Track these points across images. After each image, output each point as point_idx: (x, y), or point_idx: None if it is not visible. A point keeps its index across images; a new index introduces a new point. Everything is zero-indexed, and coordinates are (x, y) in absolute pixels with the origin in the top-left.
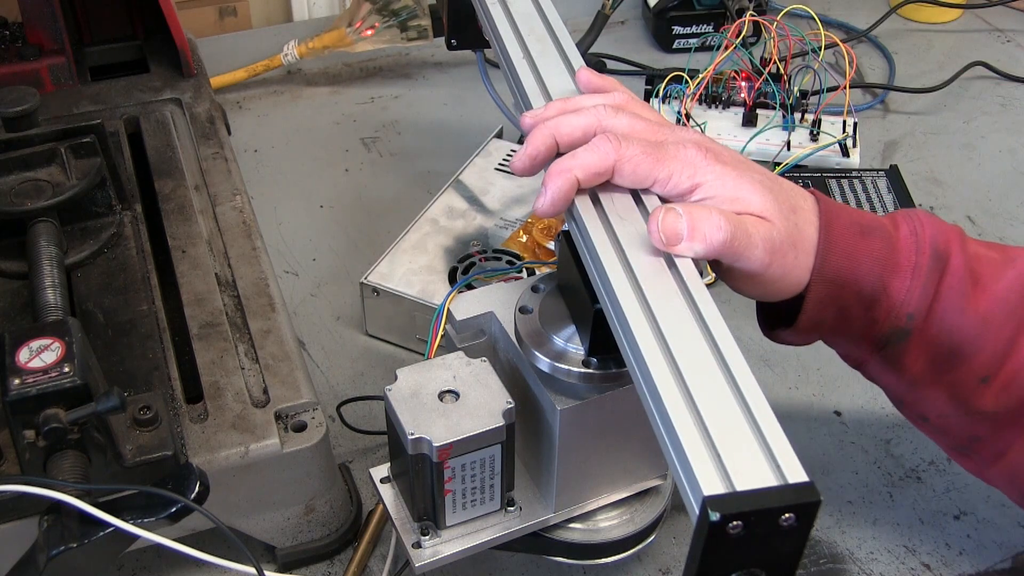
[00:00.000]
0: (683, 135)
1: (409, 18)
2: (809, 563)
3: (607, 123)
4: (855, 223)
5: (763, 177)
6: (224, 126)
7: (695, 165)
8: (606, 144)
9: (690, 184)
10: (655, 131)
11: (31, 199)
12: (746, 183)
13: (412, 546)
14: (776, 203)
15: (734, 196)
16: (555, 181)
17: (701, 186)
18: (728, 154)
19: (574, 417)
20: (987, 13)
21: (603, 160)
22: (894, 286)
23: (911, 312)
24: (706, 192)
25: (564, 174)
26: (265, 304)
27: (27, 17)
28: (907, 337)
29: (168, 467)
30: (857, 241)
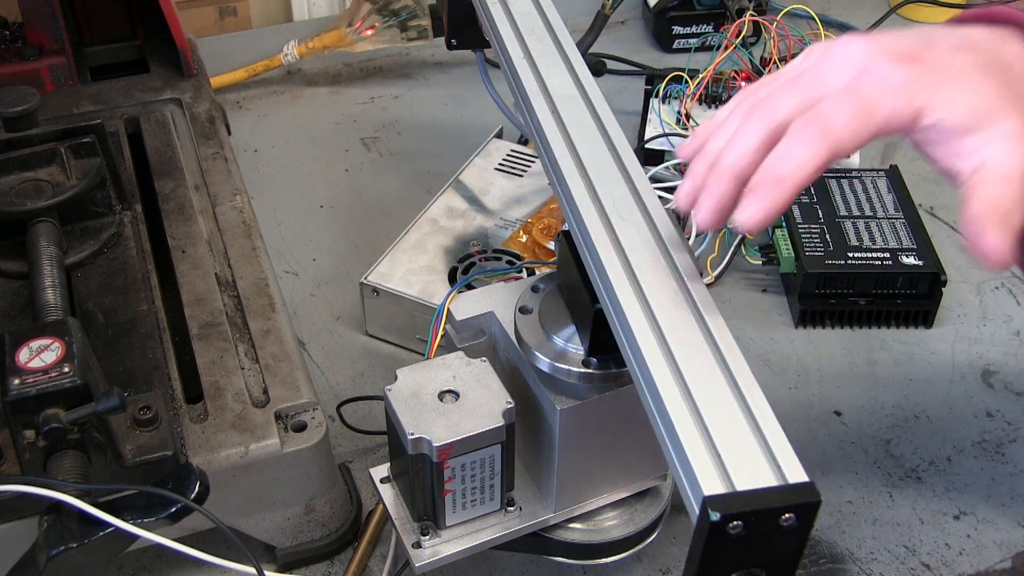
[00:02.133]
0: (847, 59)
1: (409, 18)
2: (809, 563)
3: (776, 118)
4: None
5: (968, 58)
6: (224, 126)
7: (905, 88)
8: (810, 131)
9: (912, 111)
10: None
11: (31, 199)
12: (967, 84)
13: (412, 546)
14: (1001, 88)
15: (967, 105)
16: (771, 192)
17: (926, 108)
18: (915, 44)
19: (574, 417)
20: None
21: (819, 150)
22: None
23: None
24: (935, 113)
25: (781, 184)
26: (265, 304)
27: (27, 17)
28: None
29: (168, 467)
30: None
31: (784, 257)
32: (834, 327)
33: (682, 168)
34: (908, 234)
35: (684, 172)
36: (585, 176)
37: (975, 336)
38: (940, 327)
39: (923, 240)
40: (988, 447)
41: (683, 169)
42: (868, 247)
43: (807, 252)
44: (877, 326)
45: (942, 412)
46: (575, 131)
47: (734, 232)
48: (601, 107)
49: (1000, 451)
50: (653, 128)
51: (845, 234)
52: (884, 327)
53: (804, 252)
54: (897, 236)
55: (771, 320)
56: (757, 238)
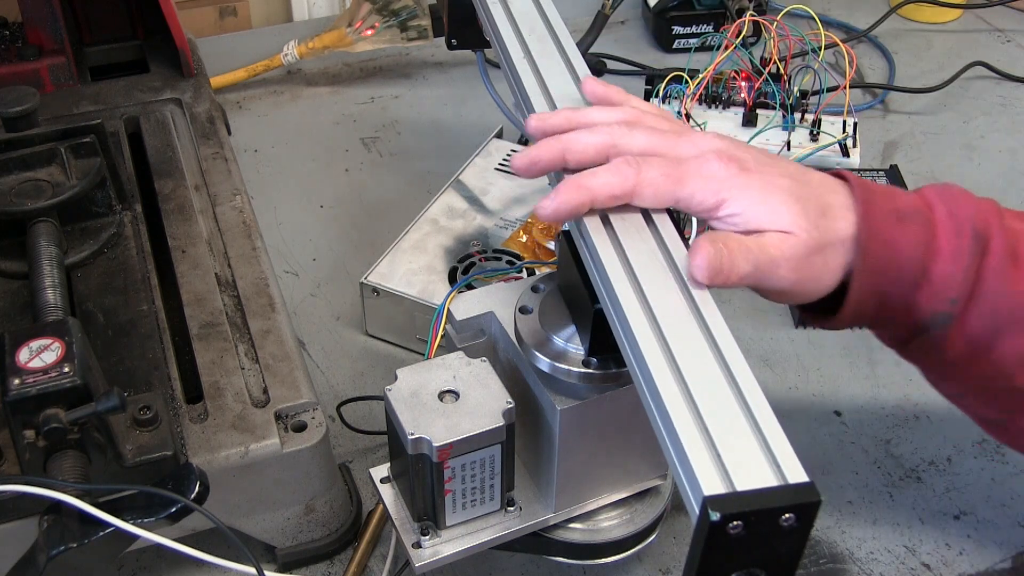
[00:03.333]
0: (703, 144)
1: (409, 18)
2: (809, 563)
3: (622, 143)
4: (892, 210)
5: (790, 182)
6: (224, 126)
7: (719, 180)
8: (626, 168)
9: (715, 200)
10: (673, 144)
11: (31, 199)
12: (772, 195)
13: (412, 546)
14: (804, 212)
15: (760, 212)
16: (569, 193)
17: (726, 202)
18: (752, 159)
19: (574, 417)
20: (987, 13)
21: (623, 184)
22: (935, 272)
23: (953, 297)
24: (732, 208)
25: (581, 191)
26: (265, 304)
27: (27, 17)
28: (949, 321)
29: (168, 467)
30: (895, 229)
31: None
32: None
33: None
34: None
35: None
36: None
37: None
38: None
39: None
40: (988, 447)
41: None
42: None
43: None
44: None
45: (942, 412)
46: None
47: None
48: None
49: (1000, 451)
50: None
51: None
52: None
53: None
54: None
55: (771, 320)
56: None
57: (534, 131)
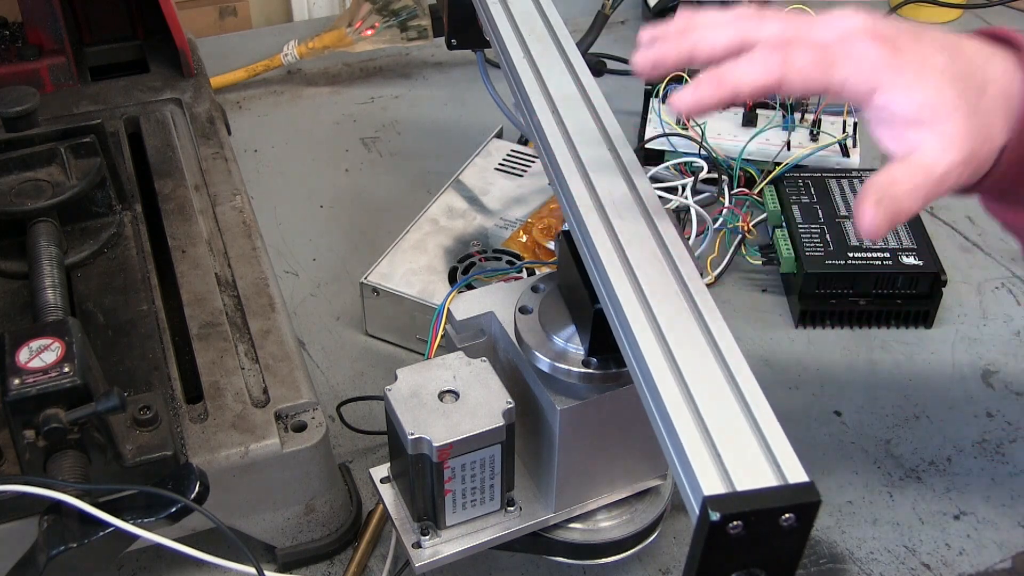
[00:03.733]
0: (847, 22)
1: (409, 18)
2: (809, 563)
3: (756, 35)
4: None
5: (946, 59)
6: (224, 126)
7: (871, 63)
8: (771, 56)
9: (868, 86)
10: (812, 26)
11: (31, 199)
12: (929, 79)
13: (412, 546)
14: (963, 95)
15: (917, 101)
16: (711, 87)
17: (881, 88)
18: (904, 35)
19: (574, 417)
20: (987, 13)
21: (768, 74)
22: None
23: None
24: (887, 96)
25: (724, 85)
26: (265, 304)
27: (27, 17)
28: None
29: (168, 467)
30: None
31: (784, 257)
32: (834, 327)
33: (682, 168)
34: (908, 234)
35: (683, 171)
36: (585, 176)
37: (975, 336)
38: (940, 327)
39: (923, 240)
40: (988, 447)
41: (682, 168)
42: (868, 247)
43: (807, 252)
44: (877, 326)
45: (942, 412)
46: (575, 131)
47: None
48: (601, 107)
49: (1000, 451)
50: (653, 128)
51: (845, 234)
52: (884, 327)
53: (804, 252)
54: (897, 236)
55: (771, 320)
56: (757, 238)
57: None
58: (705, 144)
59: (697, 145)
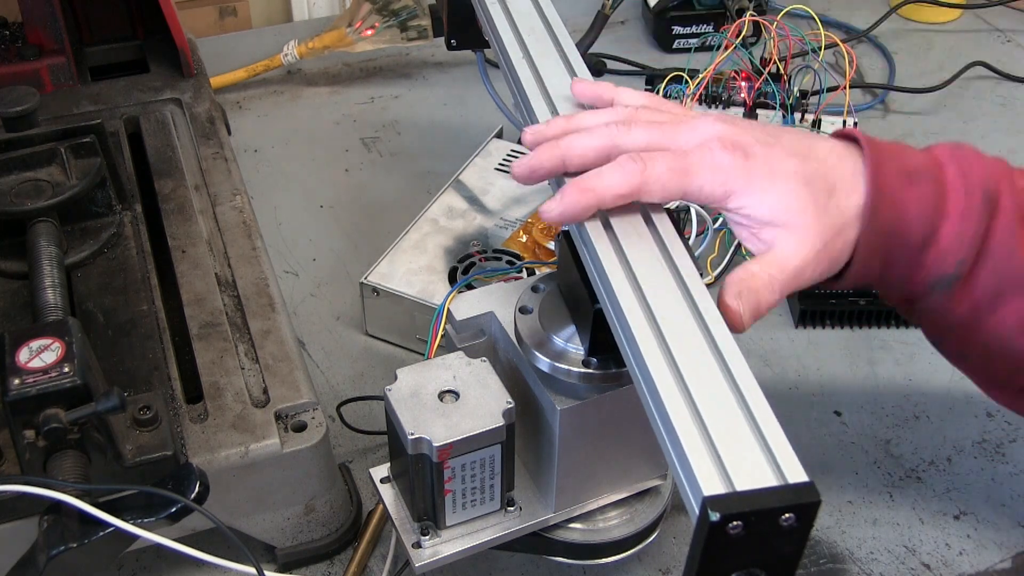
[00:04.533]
0: (704, 130)
1: (409, 18)
2: (809, 563)
3: (622, 142)
4: (901, 169)
5: (796, 163)
6: (224, 126)
7: (725, 171)
8: (631, 165)
9: (723, 191)
10: (673, 135)
11: (31, 199)
12: (780, 182)
13: (412, 546)
14: (812, 196)
15: (768, 204)
16: (575, 196)
17: (734, 193)
18: (755, 141)
19: (574, 417)
20: (987, 13)
21: (629, 182)
22: (943, 232)
23: (961, 258)
24: (740, 200)
25: (586, 193)
26: (265, 304)
27: (27, 17)
28: (955, 282)
29: (168, 467)
30: (905, 189)
31: None
32: (834, 327)
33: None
34: None
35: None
36: None
37: None
38: None
39: None
40: (988, 447)
41: None
42: None
43: None
44: (877, 326)
45: (942, 412)
46: None
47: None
48: None
49: (1000, 451)
50: None
51: None
52: (884, 327)
53: None
54: None
55: (771, 320)
56: None
57: (530, 144)
58: None
59: None
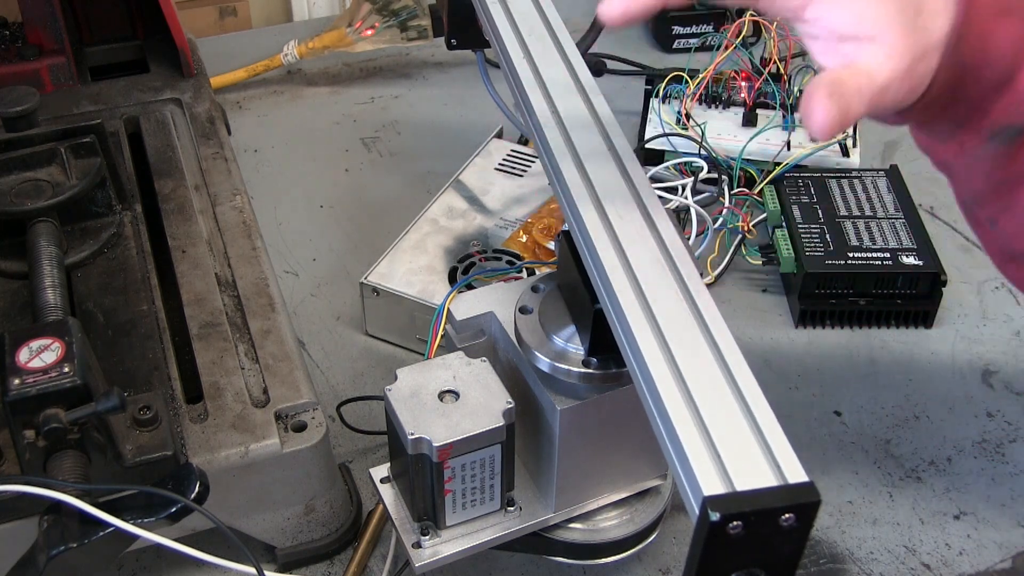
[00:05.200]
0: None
1: (409, 18)
2: (809, 563)
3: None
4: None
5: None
6: (224, 126)
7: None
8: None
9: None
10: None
11: (31, 199)
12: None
13: (412, 546)
14: (900, 10)
15: (852, 13)
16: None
17: (812, 3)
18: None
19: (574, 417)
20: None
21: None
22: (1022, 78)
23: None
24: (821, 9)
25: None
26: (265, 304)
27: (27, 17)
28: (1018, 135)
29: (168, 467)
30: (996, 20)
31: (784, 257)
32: (834, 327)
33: (682, 168)
34: (908, 234)
35: (683, 171)
36: (585, 176)
37: (975, 336)
38: (940, 327)
39: (923, 240)
40: (988, 447)
41: (682, 168)
42: (868, 247)
43: (807, 252)
44: (877, 326)
45: (942, 412)
46: (575, 131)
47: None
48: (601, 107)
49: (1000, 451)
50: (653, 128)
51: (845, 234)
52: (884, 327)
53: (804, 252)
54: (897, 236)
55: (771, 320)
56: (757, 238)
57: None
58: (705, 144)
59: (697, 145)
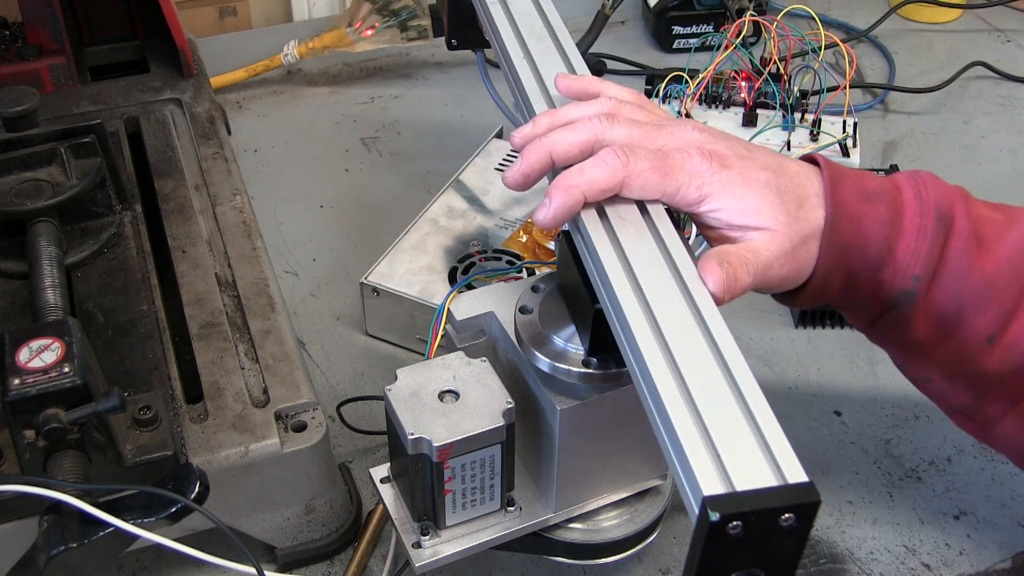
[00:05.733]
0: (683, 135)
1: (409, 18)
2: (809, 563)
3: (606, 137)
4: (860, 189)
5: (768, 175)
6: (224, 126)
7: (701, 176)
8: (614, 159)
9: (698, 195)
10: (654, 136)
11: (31, 199)
12: (752, 190)
13: (412, 546)
14: (783, 205)
15: (741, 208)
16: (561, 196)
17: (708, 197)
18: (731, 152)
19: (574, 417)
20: (987, 13)
21: (612, 177)
22: (900, 248)
23: (917, 274)
24: (714, 204)
25: (571, 190)
26: (265, 304)
27: (27, 17)
28: (913, 299)
29: (168, 467)
30: (862, 206)
31: None
32: (834, 327)
33: None
34: None
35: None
36: None
37: None
38: None
39: None
40: (988, 447)
41: None
42: None
43: None
44: None
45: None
46: None
47: None
48: None
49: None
50: None
51: None
52: None
53: None
54: None
55: (771, 320)
56: None
57: (519, 145)
58: None
59: None
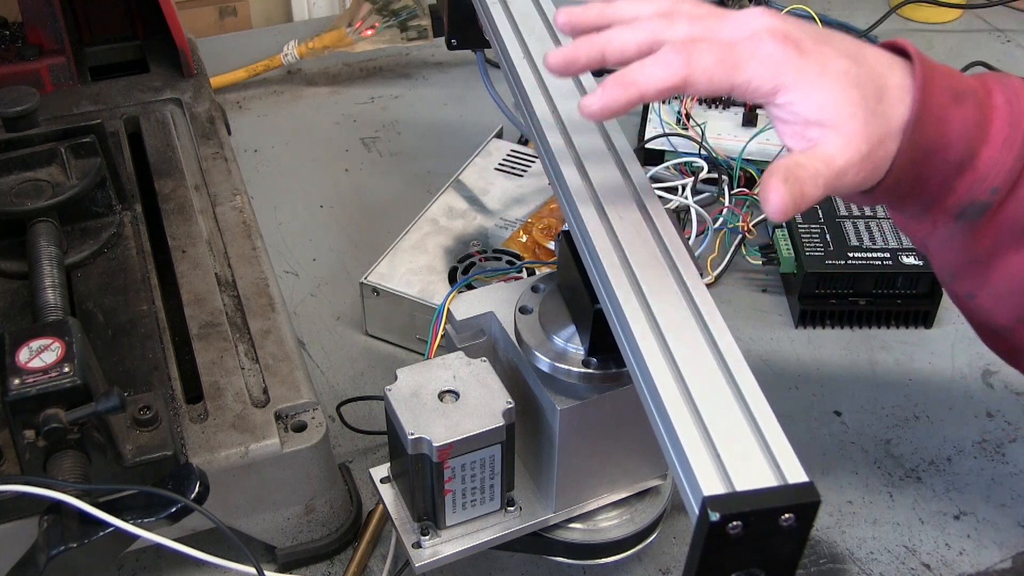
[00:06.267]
0: (753, 22)
1: (409, 18)
2: (809, 563)
3: (665, 36)
4: (950, 88)
5: (848, 64)
6: (224, 126)
7: (775, 63)
8: (675, 57)
9: (772, 85)
10: (718, 28)
11: (31, 199)
12: (831, 81)
13: (412, 546)
14: (863, 100)
15: (819, 101)
16: (616, 91)
17: (784, 88)
18: (807, 37)
19: (574, 417)
20: (987, 13)
21: (673, 76)
22: (983, 156)
23: (996, 186)
24: (790, 96)
25: (629, 87)
26: (265, 304)
27: (27, 17)
28: (984, 211)
29: (168, 467)
30: (951, 107)
31: (784, 257)
32: (834, 327)
33: (682, 168)
34: None
35: (683, 171)
36: (585, 176)
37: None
38: (940, 327)
39: None
40: (988, 447)
41: (682, 168)
42: (868, 247)
43: (807, 252)
44: (877, 326)
45: (942, 412)
46: (575, 131)
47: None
48: None
49: (1000, 451)
50: (653, 128)
51: (845, 234)
52: (884, 327)
53: (804, 252)
54: (897, 236)
55: (771, 320)
56: (757, 238)
57: (563, 26)
58: (705, 144)
59: (697, 145)
